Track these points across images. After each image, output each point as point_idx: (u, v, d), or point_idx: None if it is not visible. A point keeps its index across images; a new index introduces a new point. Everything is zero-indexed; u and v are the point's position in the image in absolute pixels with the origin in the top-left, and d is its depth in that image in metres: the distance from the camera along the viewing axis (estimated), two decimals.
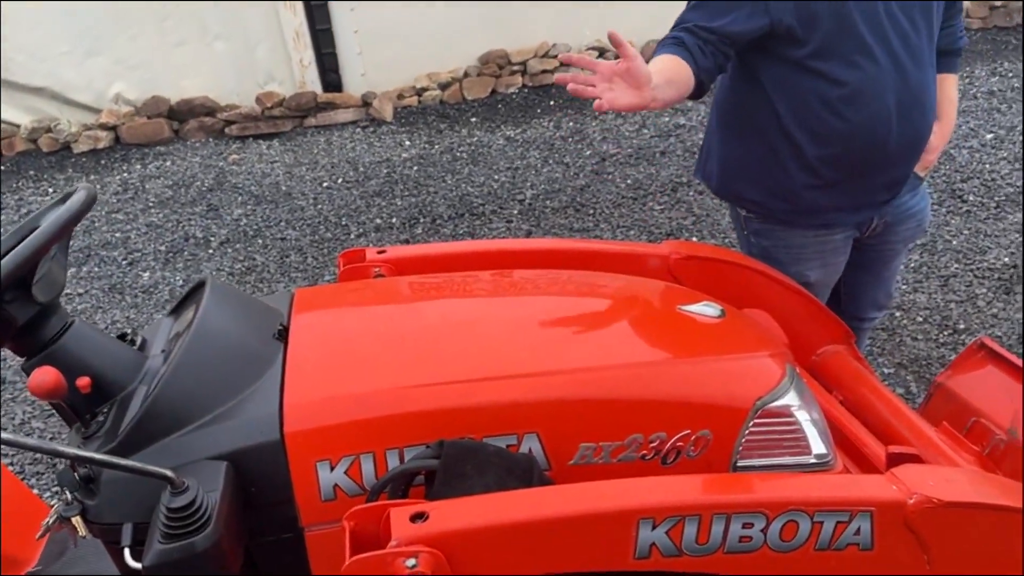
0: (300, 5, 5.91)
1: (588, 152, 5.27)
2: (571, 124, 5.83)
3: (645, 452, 1.15)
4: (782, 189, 1.80)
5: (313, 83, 6.07)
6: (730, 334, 1.32)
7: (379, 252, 1.59)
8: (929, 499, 1.01)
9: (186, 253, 4.30)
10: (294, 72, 6.00)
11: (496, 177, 4.96)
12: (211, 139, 5.73)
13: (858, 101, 1.71)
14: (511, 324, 1.29)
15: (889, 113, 1.72)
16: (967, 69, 6.14)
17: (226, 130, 5.77)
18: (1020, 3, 6.75)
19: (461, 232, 4.23)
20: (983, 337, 2.05)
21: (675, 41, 1.68)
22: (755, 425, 1.17)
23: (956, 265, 3.50)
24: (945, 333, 3.06)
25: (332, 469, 1.12)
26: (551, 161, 5.17)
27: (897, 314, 3.19)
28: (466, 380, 1.13)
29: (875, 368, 2.90)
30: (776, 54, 1.72)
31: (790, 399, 1.20)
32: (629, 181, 4.73)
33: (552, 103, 6.23)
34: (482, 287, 1.40)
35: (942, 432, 1.58)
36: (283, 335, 1.29)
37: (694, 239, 4.01)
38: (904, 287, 3.38)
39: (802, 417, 1.20)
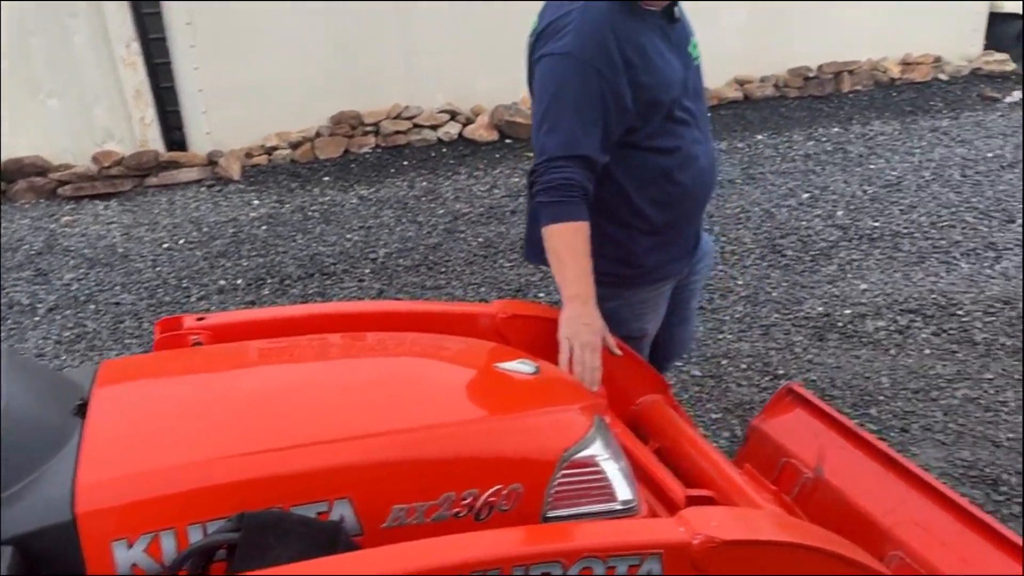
0: (141, 62, 5.75)
1: (441, 211, 5.35)
2: (424, 184, 5.92)
3: (458, 509, 1.18)
4: (632, 257, 1.92)
5: (155, 142, 5.90)
6: (542, 389, 1.38)
7: (198, 319, 1.56)
8: (712, 538, 1.09)
9: (10, 321, 4.03)
10: (135, 130, 5.81)
11: (348, 236, 4.95)
12: (42, 200, 5.43)
13: (686, 165, 1.88)
14: (324, 389, 1.29)
15: (703, 169, 1.93)
16: (787, 134, 6.72)
17: (59, 191, 5.49)
18: (831, 76, 7.47)
19: (311, 292, 4.18)
20: (791, 383, 2.23)
21: (574, 194, 1.73)
22: (563, 476, 1.22)
23: (776, 315, 3.78)
24: (766, 379, 3.28)
25: (130, 547, 1.09)
26: (404, 220, 5.21)
27: (723, 362, 3.40)
28: (273, 449, 1.12)
29: (703, 413, 3.07)
30: (618, 142, 1.83)
31: (596, 449, 1.26)
32: (480, 239, 4.83)
33: (406, 163, 6.31)
34: (298, 353, 1.40)
35: (745, 474, 1.70)
36: (82, 410, 1.24)
37: (541, 295, 4.14)
38: (730, 336, 3.61)
39: (608, 466, 1.27)
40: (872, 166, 5.88)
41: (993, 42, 8.64)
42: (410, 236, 4.93)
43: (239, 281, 4.31)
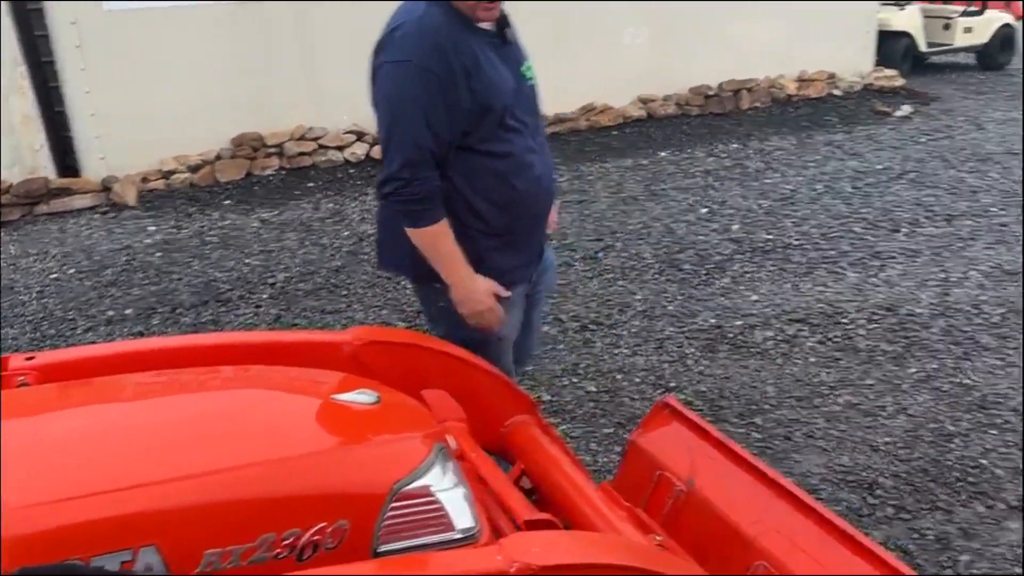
0: (28, 86, 5.55)
1: (347, 233, 5.30)
2: (330, 205, 5.86)
3: (279, 551, 1.14)
4: (474, 257, 1.98)
5: (47, 168, 5.69)
6: (380, 419, 1.35)
7: (27, 359, 1.49)
8: (528, 565, 1.08)
9: None
10: (24, 157, 5.59)
11: (248, 261, 4.84)
12: None
13: (520, 171, 1.99)
14: (141, 430, 1.24)
15: (538, 177, 2.04)
16: (688, 151, 6.89)
17: None
18: (730, 93, 7.71)
19: (203, 321, 4.07)
20: (666, 397, 2.26)
21: (435, 200, 1.89)
22: (393, 509, 1.20)
23: (671, 328, 3.85)
24: (659, 392, 3.33)
25: None
26: (308, 243, 5.14)
27: (618, 376, 3.44)
28: (73, 497, 1.07)
29: (596, 428, 3.09)
30: (456, 146, 1.92)
31: (431, 478, 1.24)
32: None
33: (311, 184, 6.23)
34: (122, 391, 1.35)
35: (602, 493, 1.71)
36: None
37: None
38: (626, 351, 3.65)
39: (445, 495, 1.25)
40: (768, 180, 6.07)
41: (883, 59, 9.07)
42: (313, 259, 4.86)
43: (128, 311, 4.17)
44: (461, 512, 1.26)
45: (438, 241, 1.92)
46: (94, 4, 5.75)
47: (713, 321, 3.90)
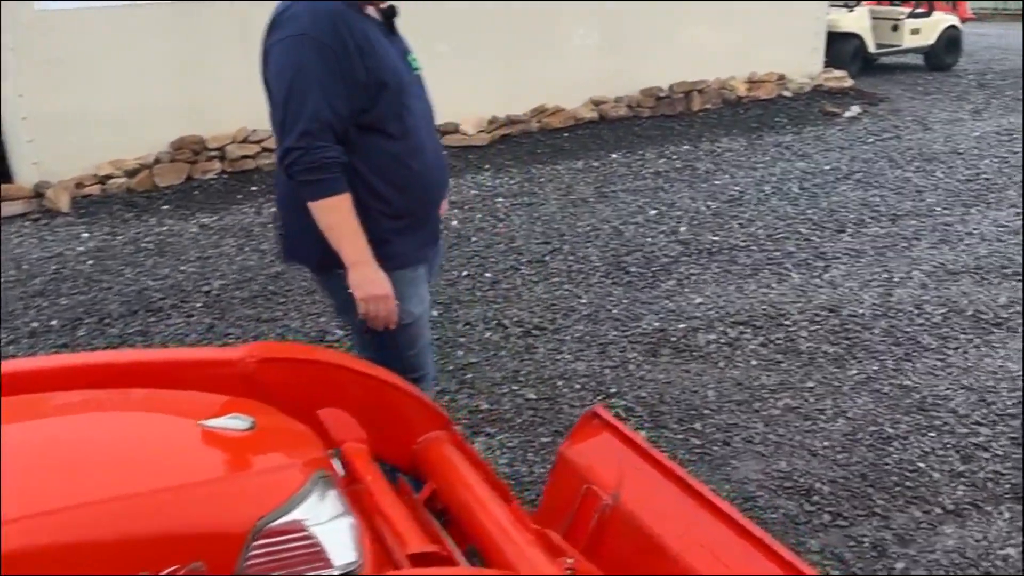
0: None
1: None
2: (273, 210, 5.71)
3: None
4: (377, 239, 1.98)
5: None
6: (251, 448, 1.24)
7: None
8: None
9: None
10: None
11: (183, 268, 4.69)
12: None
13: (416, 152, 2.03)
14: None
15: (431, 160, 2.08)
16: (639, 152, 6.86)
17: None
18: (681, 95, 7.70)
19: (131, 332, 3.92)
20: (595, 407, 2.19)
21: (336, 170, 1.88)
22: (257, 548, 1.10)
23: (614, 332, 3.79)
24: (599, 398, 3.26)
25: None
26: (247, 248, 5.00)
27: (559, 383, 3.37)
28: None
29: (534, 438, 3.01)
30: (354, 125, 1.93)
31: (304, 512, 1.15)
32: None
33: (254, 188, 6.08)
34: None
35: (511, 514, 1.62)
36: None
37: None
38: (568, 356, 3.58)
39: (322, 528, 1.15)
40: (717, 182, 6.06)
41: (833, 60, 9.14)
42: (251, 265, 4.72)
43: (54, 322, 4.00)
44: (341, 546, 1.17)
45: (340, 215, 1.90)
46: (25, 4, 5.54)
47: (657, 324, 3.85)
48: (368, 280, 1.94)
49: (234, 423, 1.24)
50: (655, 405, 3.20)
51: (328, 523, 1.17)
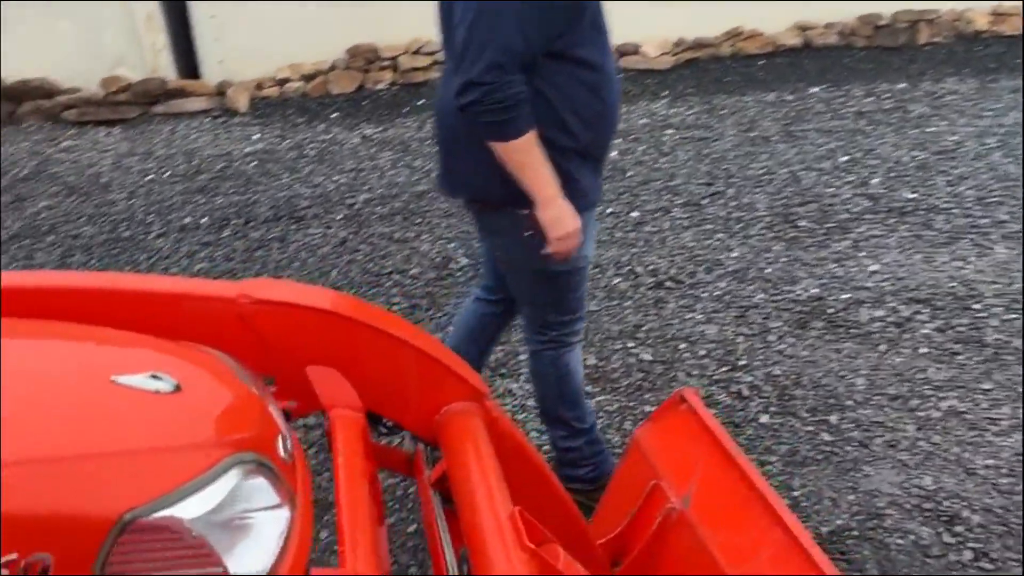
0: None
1: None
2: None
3: None
4: (568, 179, 1.85)
5: (167, 69, 5.76)
6: (155, 420, 1.02)
7: None
8: None
9: None
10: (145, 56, 5.68)
11: (336, 178, 4.71)
12: (46, 124, 5.38)
13: (608, 83, 1.86)
14: None
15: (618, 92, 1.92)
16: (844, 88, 6.05)
17: (64, 115, 5.43)
18: (906, 25, 6.69)
19: (271, 237, 3.98)
20: (684, 389, 1.88)
21: (523, 108, 1.72)
22: (122, 545, 0.91)
23: (760, 295, 3.34)
24: (723, 370, 2.88)
25: None
26: (400, 164, 4.93)
27: (681, 346, 3.02)
28: None
29: (637, 405, 2.72)
30: (547, 52, 1.76)
31: (193, 506, 0.95)
32: None
33: (422, 102, 5.99)
34: None
35: (511, 522, 1.35)
36: None
37: None
38: (699, 316, 3.21)
39: (215, 527, 0.95)
40: (931, 129, 5.21)
41: None
42: (399, 182, 4.65)
43: (204, 220, 4.14)
44: (246, 549, 0.97)
45: (529, 155, 1.76)
46: None
47: (815, 291, 3.36)
48: (564, 217, 1.83)
49: (152, 383, 1.04)
50: (788, 387, 2.78)
51: (237, 520, 0.97)
